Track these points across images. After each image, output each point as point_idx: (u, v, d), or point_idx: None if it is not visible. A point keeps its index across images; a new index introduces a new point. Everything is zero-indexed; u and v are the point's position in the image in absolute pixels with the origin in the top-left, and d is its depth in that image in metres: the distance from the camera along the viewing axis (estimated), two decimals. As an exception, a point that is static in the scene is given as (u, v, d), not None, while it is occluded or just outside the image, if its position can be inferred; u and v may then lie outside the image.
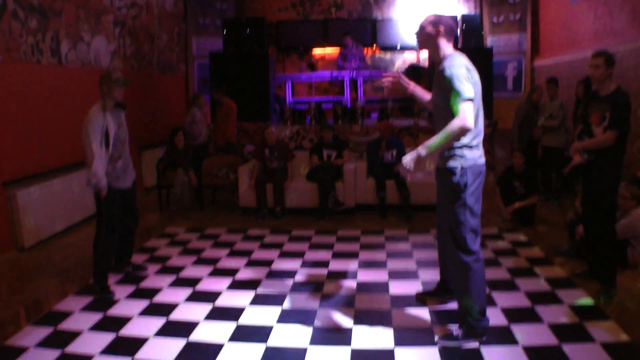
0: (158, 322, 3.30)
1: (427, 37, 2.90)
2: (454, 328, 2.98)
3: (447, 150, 2.84)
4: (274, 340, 3.04)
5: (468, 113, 2.66)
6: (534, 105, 6.39)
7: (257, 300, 3.63)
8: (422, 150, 2.74)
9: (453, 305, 3.32)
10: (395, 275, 4.05)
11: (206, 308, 3.51)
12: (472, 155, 2.84)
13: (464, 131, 2.69)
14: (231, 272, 4.20)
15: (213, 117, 7.45)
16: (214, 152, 7.12)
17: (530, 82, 8.54)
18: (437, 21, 2.87)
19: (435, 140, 2.73)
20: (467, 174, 2.83)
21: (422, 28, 2.91)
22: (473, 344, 2.90)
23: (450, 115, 2.74)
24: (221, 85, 6.97)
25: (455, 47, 2.93)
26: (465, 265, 2.87)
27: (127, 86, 3.89)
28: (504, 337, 2.98)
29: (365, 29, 9.55)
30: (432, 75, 3.01)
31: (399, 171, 5.89)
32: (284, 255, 4.63)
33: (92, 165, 3.55)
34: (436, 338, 2.98)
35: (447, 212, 2.92)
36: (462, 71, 2.72)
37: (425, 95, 3.22)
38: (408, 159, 2.74)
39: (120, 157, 3.84)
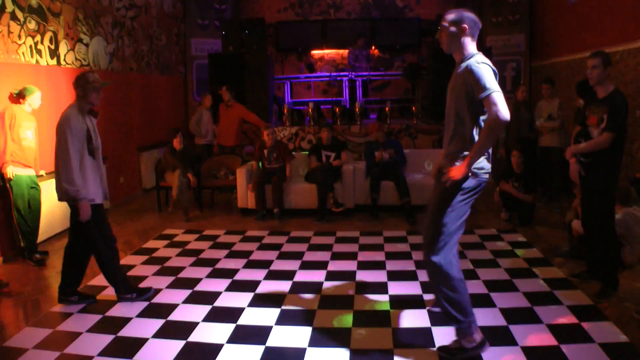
0: (157, 323, 3.30)
1: (451, 38, 2.67)
2: (450, 342, 2.83)
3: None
4: (273, 341, 3.04)
5: (500, 103, 2.46)
6: (519, 104, 6.38)
7: (256, 301, 3.63)
8: (468, 167, 2.57)
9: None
10: (394, 276, 4.05)
11: (205, 309, 3.51)
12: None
13: (501, 123, 2.48)
14: (230, 273, 4.19)
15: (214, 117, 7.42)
16: (219, 153, 7.07)
17: (529, 82, 8.55)
18: (460, 19, 2.65)
19: (476, 148, 2.56)
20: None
21: (444, 28, 2.68)
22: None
23: (464, 114, 2.62)
24: (232, 87, 6.94)
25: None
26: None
27: (106, 88, 3.55)
28: (503, 337, 2.98)
29: (364, 29, 9.56)
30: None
31: (399, 172, 5.96)
32: (283, 256, 4.62)
33: (70, 175, 3.23)
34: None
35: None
36: (489, 69, 2.58)
37: None
38: (455, 172, 2.58)
39: (99, 168, 3.54)
